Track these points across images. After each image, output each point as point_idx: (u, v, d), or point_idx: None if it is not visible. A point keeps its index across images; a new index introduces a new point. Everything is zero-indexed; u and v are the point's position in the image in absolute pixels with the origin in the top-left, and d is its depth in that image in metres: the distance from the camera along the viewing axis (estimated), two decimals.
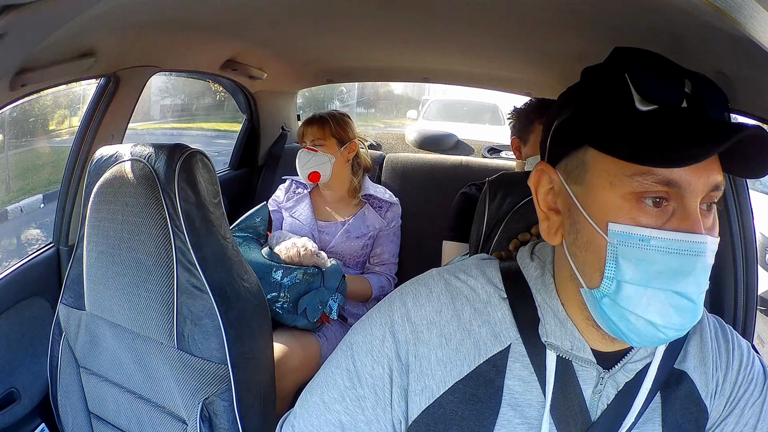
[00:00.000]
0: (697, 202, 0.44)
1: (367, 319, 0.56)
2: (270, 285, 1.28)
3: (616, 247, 0.44)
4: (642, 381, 0.52)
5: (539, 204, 0.52)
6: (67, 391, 1.00)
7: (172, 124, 7.18)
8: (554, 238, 0.51)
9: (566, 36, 1.03)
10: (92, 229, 0.92)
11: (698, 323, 0.57)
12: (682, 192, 0.43)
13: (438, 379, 0.51)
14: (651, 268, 0.43)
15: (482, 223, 0.75)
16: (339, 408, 0.53)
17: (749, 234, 1.01)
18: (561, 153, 0.50)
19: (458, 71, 1.78)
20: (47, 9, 0.64)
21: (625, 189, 0.44)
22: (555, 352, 0.51)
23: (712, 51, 0.66)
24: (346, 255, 1.53)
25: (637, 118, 0.44)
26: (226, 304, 0.85)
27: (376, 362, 0.52)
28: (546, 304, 0.52)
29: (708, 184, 0.44)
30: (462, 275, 0.55)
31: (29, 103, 2.98)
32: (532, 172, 0.53)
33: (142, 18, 1.01)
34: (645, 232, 0.43)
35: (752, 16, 0.48)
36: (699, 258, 0.43)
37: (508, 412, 0.51)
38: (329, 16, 1.12)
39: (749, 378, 0.55)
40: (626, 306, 0.44)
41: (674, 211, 0.44)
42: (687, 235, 0.43)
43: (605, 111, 0.46)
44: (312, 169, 1.52)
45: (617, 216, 0.44)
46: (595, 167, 0.46)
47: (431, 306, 0.53)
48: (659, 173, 0.43)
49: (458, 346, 0.52)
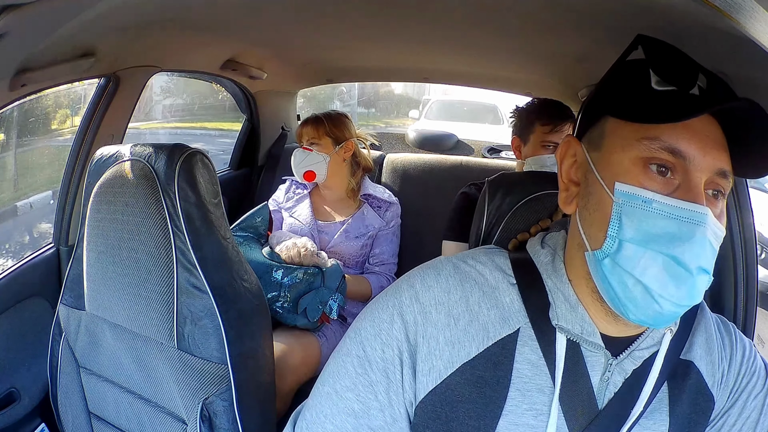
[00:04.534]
0: (701, 180, 0.46)
1: (374, 304, 0.56)
2: (270, 284, 1.28)
3: (621, 206, 0.47)
4: (649, 370, 0.52)
5: (562, 175, 0.56)
6: (67, 391, 1.00)
7: (175, 124, 7.25)
8: (569, 207, 0.54)
9: (566, 36, 1.03)
10: (92, 229, 0.92)
11: (702, 315, 0.58)
12: (687, 165, 0.46)
13: (445, 360, 0.51)
14: (651, 230, 0.45)
15: (481, 222, 0.75)
16: (351, 396, 0.52)
17: (749, 233, 1.01)
18: (586, 125, 0.54)
19: (458, 71, 1.78)
20: (47, 9, 0.64)
21: (633, 153, 0.47)
22: (565, 335, 0.51)
23: (712, 51, 0.66)
24: (346, 255, 1.53)
25: (652, 94, 0.48)
26: (226, 304, 0.85)
27: (385, 345, 0.52)
28: (557, 288, 0.53)
29: (713, 165, 0.46)
30: (471, 260, 0.56)
31: (37, 102, 3.01)
32: (560, 144, 0.57)
33: (142, 18, 1.01)
34: (648, 195, 0.46)
35: (752, 16, 0.48)
36: (697, 227, 0.45)
37: (516, 396, 0.51)
38: (329, 16, 1.12)
39: (752, 370, 0.56)
40: (625, 266, 0.46)
41: (679, 185, 0.46)
42: (687, 204, 0.45)
43: (625, 86, 0.51)
44: (307, 168, 1.53)
45: (625, 177, 0.47)
46: (611, 133, 0.50)
47: (439, 287, 0.53)
48: (665, 140, 0.46)
49: (466, 327, 0.52)
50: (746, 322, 1.02)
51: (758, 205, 1.06)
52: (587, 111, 0.55)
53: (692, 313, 0.57)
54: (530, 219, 0.71)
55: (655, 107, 0.47)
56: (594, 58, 1.10)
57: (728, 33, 0.57)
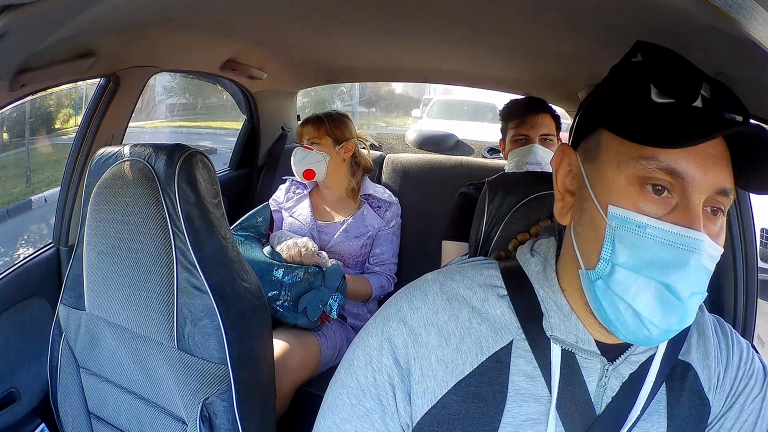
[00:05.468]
0: (700, 200, 0.44)
1: (364, 332, 0.56)
2: (271, 283, 1.28)
3: (614, 230, 0.45)
4: (647, 372, 0.52)
5: (557, 184, 0.54)
6: (67, 391, 1.00)
7: (180, 122, 7.36)
8: (565, 218, 0.53)
9: (566, 36, 1.03)
10: (92, 229, 0.92)
11: (698, 319, 0.57)
12: (685, 185, 0.44)
13: (440, 380, 0.51)
14: (644, 255, 0.44)
15: (482, 223, 0.75)
16: (350, 428, 0.53)
17: (749, 234, 1.01)
18: (582, 135, 0.53)
19: (458, 71, 1.78)
20: (47, 9, 0.64)
21: (629, 171, 0.45)
22: (560, 345, 0.51)
23: (712, 51, 0.66)
24: (346, 254, 1.53)
25: (651, 108, 0.45)
26: (226, 304, 0.85)
27: (376, 372, 0.52)
28: (549, 298, 0.52)
29: (714, 184, 0.44)
30: (458, 276, 0.56)
31: (46, 102, 3.04)
32: (555, 153, 0.55)
33: (142, 18, 1.01)
34: (642, 219, 0.44)
35: (752, 16, 0.48)
36: (692, 254, 0.43)
37: (513, 408, 0.51)
38: (329, 16, 1.12)
39: (749, 373, 0.55)
40: (617, 291, 0.45)
41: (677, 205, 0.44)
42: (683, 230, 0.43)
43: (622, 97, 0.48)
44: (306, 167, 1.53)
45: (619, 198, 0.46)
46: (607, 148, 0.48)
47: (427, 307, 0.53)
48: (663, 160, 0.44)
49: (458, 344, 0.52)
50: (746, 322, 1.02)
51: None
52: (583, 119, 0.53)
53: None
54: (530, 219, 0.71)
55: (654, 127, 0.44)
56: (594, 59, 1.10)
57: (728, 33, 0.57)
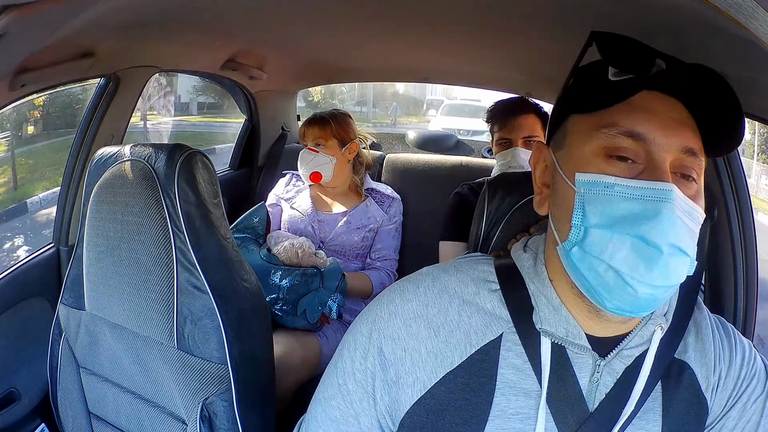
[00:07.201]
0: (666, 159, 0.46)
1: (358, 318, 0.58)
2: (269, 287, 1.28)
3: (583, 196, 0.47)
4: (640, 369, 0.52)
5: (536, 180, 0.57)
6: (67, 391, 1.00)
7: (209, 118, 7.94)
8: (543, 209, 0.55)
9: (566, 37, 1.02)
10: (92, 229, 0.92)
11: (697, 318, 0.57)
12: (648, 147, 0.46)
13: (429, 371, 0.52)
14: (615, 212, 0.45)
15: (481, 222, 0.75)
16: (334, 404, 0.55)
17: (749, 233, 1.01)
18: (553, 130, 0.56)
19: (459, 71, 1.78)
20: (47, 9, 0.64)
21: (594, 143, 0.48)
22: (549, 338, 0.51)
23: (712, 51, 0.66)
24: (346, 246, 1.53)
25: (609, 85, 0.49)
26: (226, 304, 0.85)
27: (362, 357, 0.54)
28: (539, 292, 0.53)
29: (677, 143, 0.46)
30: (452, 270, 0.57)
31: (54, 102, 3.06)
32: (532, 151, 0.58)
33: (142, 18, 1.01)
34: (609, 179, 0.46)
35: (752, 16, 0.48)
36: (663, 204, 0.44)
37: (502, 401, 0.51)
38: (329, 16, 1.12)
39: (752, 373, 0.55)
40: (593, 252, 0.46)
41: (644, 168, 0.46)
42: (650, 183, 0.45)
43: (584, 84, 0.53)
44: (314, 170, 1.53)
45: (586, 168, 0.48)
46: (573, 129, 0.52)
47: (417, 300, 0.54)
48: (623, 125, 0.46)
49: (447, 337, 0.53)
50: (746, 322, 1.02)
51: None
52: (553, 117, 0.56)
53: (687, 312, 0.56)
54: (530, 219, 0.71)
55: (609, 94, 0.47)
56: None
57: (728, 33, 0.57)
